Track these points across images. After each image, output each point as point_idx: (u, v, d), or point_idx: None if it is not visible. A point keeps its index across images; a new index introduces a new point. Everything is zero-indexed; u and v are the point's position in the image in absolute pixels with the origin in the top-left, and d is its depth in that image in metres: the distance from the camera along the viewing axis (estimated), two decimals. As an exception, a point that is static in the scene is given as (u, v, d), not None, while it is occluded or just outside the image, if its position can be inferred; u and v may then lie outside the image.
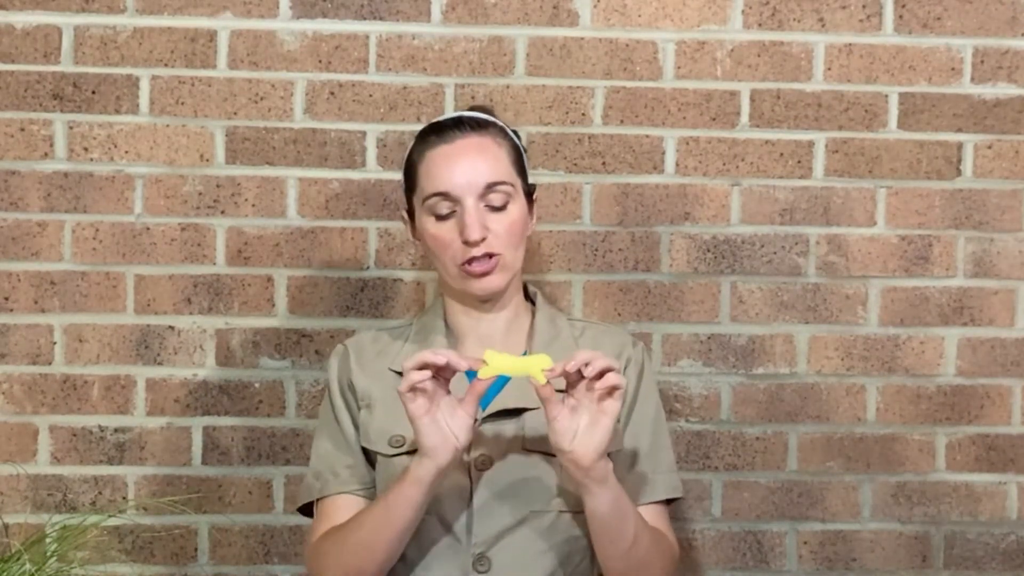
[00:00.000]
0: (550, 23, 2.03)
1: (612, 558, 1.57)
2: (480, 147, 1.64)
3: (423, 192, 1.64)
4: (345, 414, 1.68)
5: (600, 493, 1.51)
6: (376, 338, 1.74)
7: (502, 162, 1.64)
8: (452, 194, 1.61)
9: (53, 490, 2.00)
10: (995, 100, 2.07)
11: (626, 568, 1.58)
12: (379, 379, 1.68)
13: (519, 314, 1.71)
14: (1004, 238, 2.08)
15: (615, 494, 1.53)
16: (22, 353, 2.00)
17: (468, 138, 1.64)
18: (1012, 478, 2.09)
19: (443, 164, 1.62)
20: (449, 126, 1.66)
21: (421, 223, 1.65)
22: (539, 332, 1.69)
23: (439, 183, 1.62)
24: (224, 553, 2.02)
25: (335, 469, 1.67)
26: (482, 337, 1.68)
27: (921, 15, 2.06)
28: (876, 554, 2.07)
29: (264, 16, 2.01)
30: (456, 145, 1.63)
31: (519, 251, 1.66)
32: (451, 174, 1.61)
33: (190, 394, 2.02)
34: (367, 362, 1.70)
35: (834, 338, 2.07)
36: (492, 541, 1.59)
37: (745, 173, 2.05)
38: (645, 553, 1.58)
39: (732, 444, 2.06)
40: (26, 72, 1.99)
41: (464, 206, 1.60)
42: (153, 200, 2.01)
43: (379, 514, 1.55)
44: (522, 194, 1.66)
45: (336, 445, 1.68)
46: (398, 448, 1.63)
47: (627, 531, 1.55)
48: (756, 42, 2.05)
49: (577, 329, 1.72)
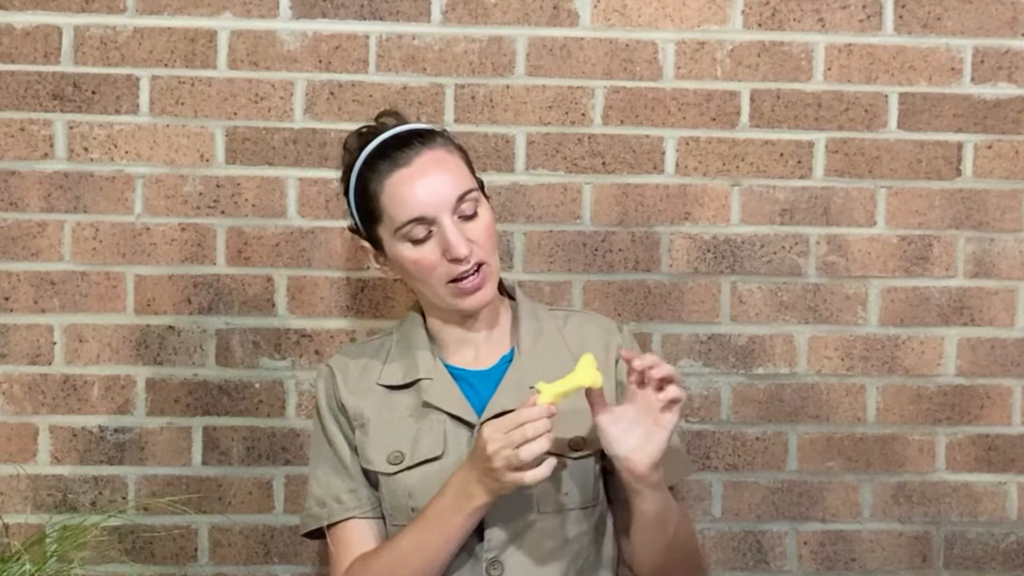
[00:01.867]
0: (550, 23, 2.03)
1: (652, 551, 1.60)
2: (437, 161, 1.61)
3: (394, 222, 1.60)
4: (339, 437, 1.68)
5: (651, 497, 1.53)
6: (357, 354, 1.73)
7: (461, 169, 1.63)
8: (427, 216, 1.58)
9: (53, 490, 2.00)
10: (995, 100, 2.07)
11: (663, 561, 1.61)
12: (368, 396, 1.67)
13: (499, 313, 1.71)
14: (1004, 238, 2.08)
15: (664, 495, 1.55)
16: (22, 353, 2.00)
17: (422, 155, 1.61)
18: (1012, 478, 2.09)
19: (409, 189, 1.59)
20: (397, 147, 1.62)
21: (395, 251, 1.62)
22: (523, 328, 1.69)
23: (411, 209, 1.58)
24: (224, 553, 2.02)
25: (337, 495, 1.66)
26: (462, 340, 1.68)
27: (921, 15, 2.06)
28: (876, 554, 2.07)
29: (264, 16, 2.01)
30: (415, 166, 1.60)
31: (496, 253, 1.65)
32: (420, 196, 1.58)
33: (190, 394, 2.02)
34: (353, 380, 1.69)
35: (834, 338, 2.07)
36: (503, 545, 1.59)
37: (745, 173, 2.05)
38: (682, 546, 1.61)
39: (732, 444, 2.06)
40: (26, 72, 1.99)
41: (442, 224, 1.58)
42: (153, 200, 2.01)
43: (437, 543, 1.55)
44: (483, 195, 1.66)
45: (334, 470, 1.67)
46: (398, 464, 1.63)
47: (669, 529, 1.57)
48: (756, 42, 2.05)
49: (560, 319, 1.72)
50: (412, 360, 1.67)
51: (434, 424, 1.63)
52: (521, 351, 1.67)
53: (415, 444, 1.63)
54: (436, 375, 1.65)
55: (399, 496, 1.62)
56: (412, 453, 1.62)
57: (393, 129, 1.66)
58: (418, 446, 1.62)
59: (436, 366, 1.66)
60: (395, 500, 1.63)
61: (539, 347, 1.68)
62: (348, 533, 1.65)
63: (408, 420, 1.64)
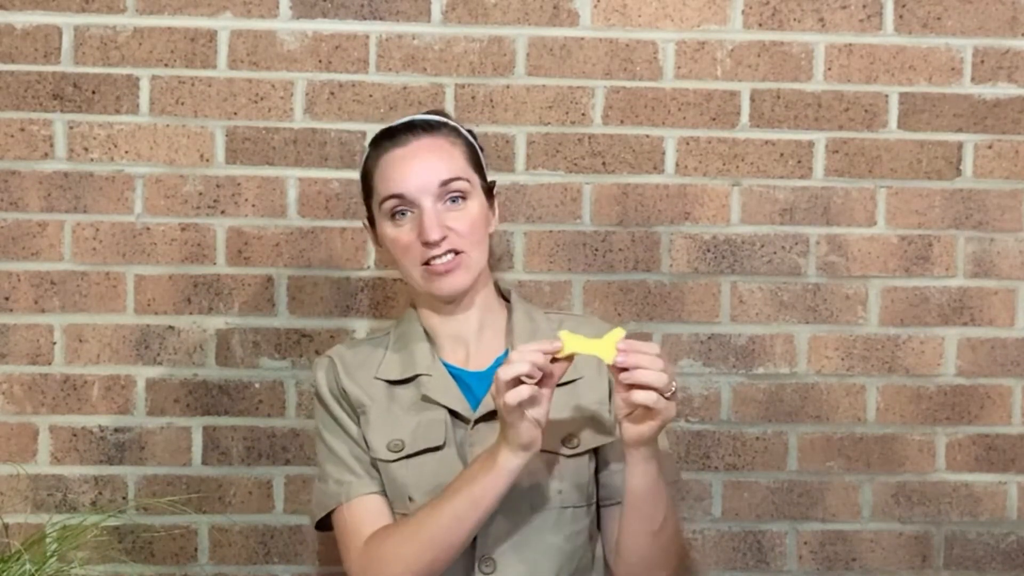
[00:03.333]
0: (550, 23, 2.03)
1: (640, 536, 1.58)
2: (432, 147, 1.65)
3: (379, 196, 1.65)
4: (346, 418, 1.68)
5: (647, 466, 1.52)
6: (355, 349, 1.73)
7: (456, 159, 1.65)
8: (407, 196, 1.62)
9: (53, 490, 2.00)
10: (995, 100, 2.07)
11: (650, 551, 1.59)
12: (367, 388, 1.68)
13: (492, 312, 1.71)
14: (1004, 238, 2.08)
15: (657, 471, 1.53)
16: (22, 353, 2.00)
17: (420, 140, 1.65)
18: (1012, 478, 2.09)
19: (397, 167, 1.63)
20: (401, 130, 1.67)
21: (381, 228, 1.67)
22: (518, 329, 1.69)
23: (393, 185, 1.63)
24: (224, 553, 2.02)
25: (355, 471, 1.66)
26: (455, 337, 1.68)
27: (921, 15, 2.06)
28: (876, 554, 2.07)
29: (264, 16, 2.01)
30: (409, 147, 1.64)
31: (483, 248, 1.66)
32: (405, 176, 1.62)
33: (190, 394, 2.02)
34: (352, 371, 1.69)
35: (834, 338, 2.07)
36: (496, 542, 1.59)
37: (745, 173, 2.05)
38: (667, 539, 1.60)
39: (732, 444, 2.06)
40: (26, 72, 1.99)
41: (422, 207, 1.61)
42: (153, 200, 2.01)
43: (463, 507, 1.53)
44: (480, 191, 1.67)
45: (349, 449, 1.67)
46: (397, 453, 1.63)
47: (659, 513, 1.56)
48: (756, 42, 2.05)
49: (555, 322, 1.72)
50: (410, 356, 1.68)
51: (434, 416, 1.64)
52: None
53: (415, 434, 1.63)
54: (435, 371, 1.66)
55: (397, 484, 1.63)
56: (412, 442, 1.63)
57: (409, 117, 1.71)
58: (418, 436, 1.63)
59: (435, 363, 1.67)
60: (393, 488, 1.64)
61: None
62: (366, 506, 1.64)
63: (408, 411, 1.65)
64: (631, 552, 1.60)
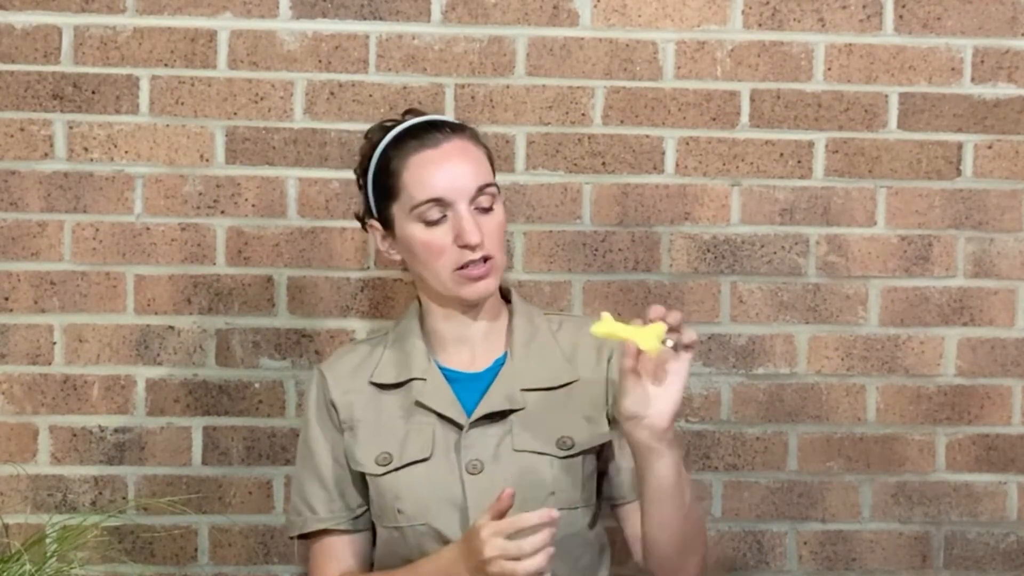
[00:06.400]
0: (550, 23, 2.03)
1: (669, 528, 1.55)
2: (464, 150, 1.63)
3: (412, 199, 1.61)
4: (321, 444, 1.69)
5: (670, 456, 1.49)
6: (352, 353, 1.73)
7: (484, 164, 1.65)
8: (446, 199, 1.60)
9: (53, 490, 2.00)
10: (995, 100, 2.07)
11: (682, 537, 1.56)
12: (359, 395, 1.68)
13: (498, 315, 1.71)
14: (1004, 238, 2.08)
15: (680, 458, 1.52)
16: (22, 353, 2.00)
17: (452, 141, 1.63)
18: (1012, 478, 2.09)
19: (432, 169, 1.60)
20: (428, 130, 1.64)
21: (407, 231, 1.63)
22: (518, 331, 1.69)
23: (431, 190, 1.60)
24: (224, 553, 2.02)
25: (312, 505, 1.69)
26: (461, 339, 1.68)
27: (921, 15, 2.06)
28: (876, 554, 2.08)
29: (264, 16, 2.01)
30: (442, 149, 1.62)
31: (505, 253, 1.66)
32: (442, 179, 1.60)
33: (190, 394, 2.02)
34: (345, 380, 1.69)
35: (834, 338, 2.07)
36: None
37: (745, 173, 2.05)
38: (693, 526, 1.58)
39: (732, 444, 2.06)
40: (26, 72, 1.99)
41: (458, 211, 1.60)
42: (153, 200, 2.01)
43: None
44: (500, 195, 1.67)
45: (311, 479, 1.69)
46: (385, 466, 1.63)
47: (684, 500, 1.53)
48: (756, 42, 2.05)
49: (554, 323, 1.72)
50: (406, 360, 1.67)
51: (423, 426, 1.63)
52: (514, 354, 1.67)
53: (403, 446, 1.63)
54: (429, 376, 1.66)
55: (386, 497, 1.63)
56: (400, 455, 1.63)
57: (425, 116, 1.69)
58: (406, 448, 1.63)
59: (430, 367, 1.66)
60: (382, 501, 1.64)
61: (532, 350, 1.68)
62: (323, 547, 1.69)
63: (397, 421, 1.65)
64: (665, 543, 1.57)
